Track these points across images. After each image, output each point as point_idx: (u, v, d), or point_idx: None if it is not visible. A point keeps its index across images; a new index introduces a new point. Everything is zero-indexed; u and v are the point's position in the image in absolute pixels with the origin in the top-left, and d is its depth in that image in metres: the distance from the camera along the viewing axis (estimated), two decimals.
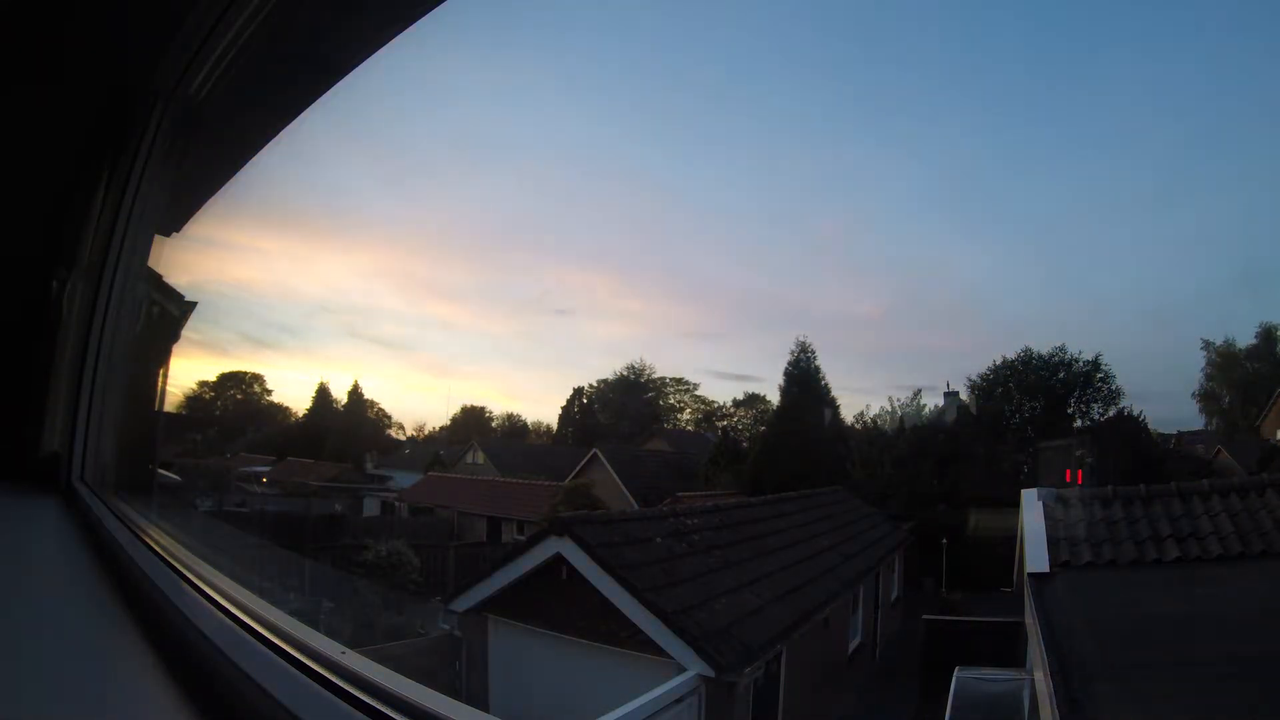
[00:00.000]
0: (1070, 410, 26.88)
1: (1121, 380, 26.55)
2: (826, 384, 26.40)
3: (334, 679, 0.79)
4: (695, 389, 58.17)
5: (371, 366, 59.73)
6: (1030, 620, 5.59)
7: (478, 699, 8.75)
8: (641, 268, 62.94)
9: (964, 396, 26.62)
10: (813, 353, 26.35)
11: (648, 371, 56.31)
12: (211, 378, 53.10)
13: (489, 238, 61.91)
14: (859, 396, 64.75)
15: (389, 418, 61.16)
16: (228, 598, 1.09)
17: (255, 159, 2.05)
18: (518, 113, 52.11)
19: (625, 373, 55.57)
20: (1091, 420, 25.90)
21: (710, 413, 57.14)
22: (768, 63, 45.09)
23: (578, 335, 64.73)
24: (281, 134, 1.90)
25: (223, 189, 2.29)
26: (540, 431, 60.44)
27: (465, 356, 66.08)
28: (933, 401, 26.99)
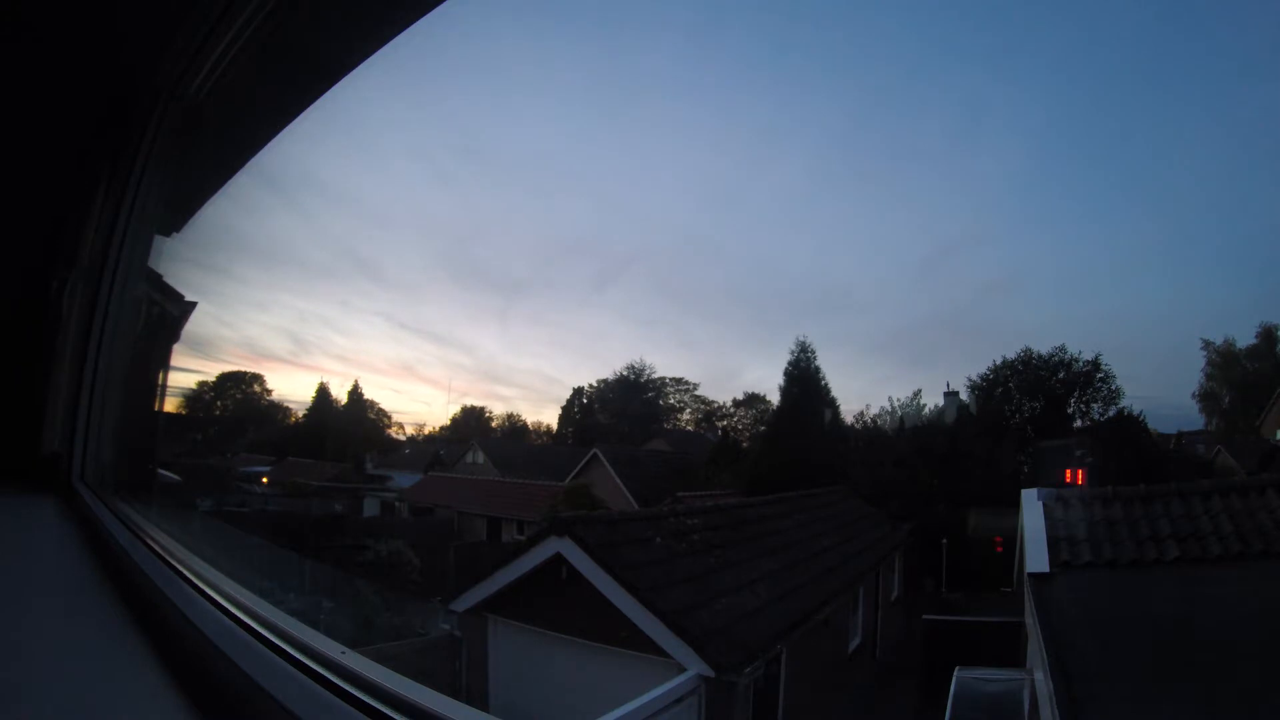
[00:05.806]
0: (1070, 410, 26.86)
1: (1121, 380, 26.55)
2: (826, 384, 26.44)
3: (334, 679, 0.79)
4: (695, 389, 58.17)
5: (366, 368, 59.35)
6: (1030, 620, 5.59)
7: (478, 699, 8.75)
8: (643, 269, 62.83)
9: (964, 396, 26.60)
10: (813, 353, 26.38)
11: (648, 371, 56.26)
12: (211, 377, 52.97)
13: (489, 237, 61.88)
14: (859, 396, 64.75)
15: (389, 417, 61.14)
16: (228, 598, 1.09)
17: (255, 159, 2.06)
18: (517, 112, 51.97)
19: (625, 373, 55.52)
20: (1091, 420, 25.88)
21: (710, 413, 57.11)
22: (773, 63, 44.97)
23: (579, 336, 64.67)
24: (281, 134, 1.90)
25: (223, 189, 2.29)
26: (540, 431, 60.45)
27: (464, 357, 66.09)
28: (933, 401, 27.02)
